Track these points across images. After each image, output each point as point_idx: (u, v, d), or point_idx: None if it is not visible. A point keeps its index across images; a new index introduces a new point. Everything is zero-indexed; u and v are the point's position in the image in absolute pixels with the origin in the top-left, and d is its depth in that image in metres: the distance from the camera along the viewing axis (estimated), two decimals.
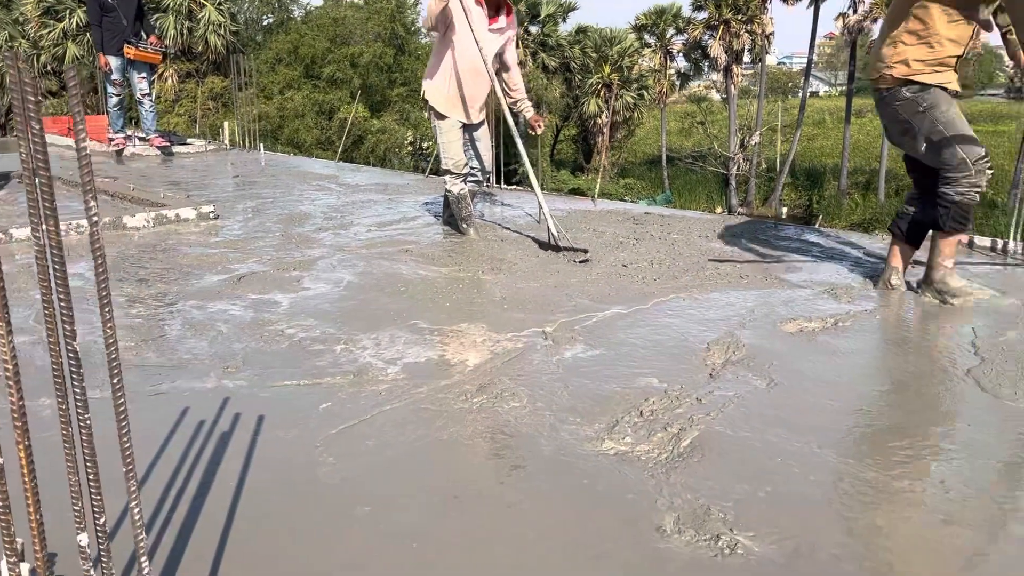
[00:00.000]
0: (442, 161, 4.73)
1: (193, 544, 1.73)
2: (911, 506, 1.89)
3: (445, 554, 1.71)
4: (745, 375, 2.66)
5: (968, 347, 2.94)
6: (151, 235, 4.88)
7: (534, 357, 2.82)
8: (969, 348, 2.93)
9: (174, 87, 26.33)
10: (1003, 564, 1.68)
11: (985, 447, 2.19)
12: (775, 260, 4.22)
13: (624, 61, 32.13)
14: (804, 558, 1.69)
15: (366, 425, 2.30)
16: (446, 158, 4.70)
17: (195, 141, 10.05)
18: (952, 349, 2.95)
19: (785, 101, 41.93)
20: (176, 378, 2.63)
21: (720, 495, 1.92)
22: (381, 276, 3.90)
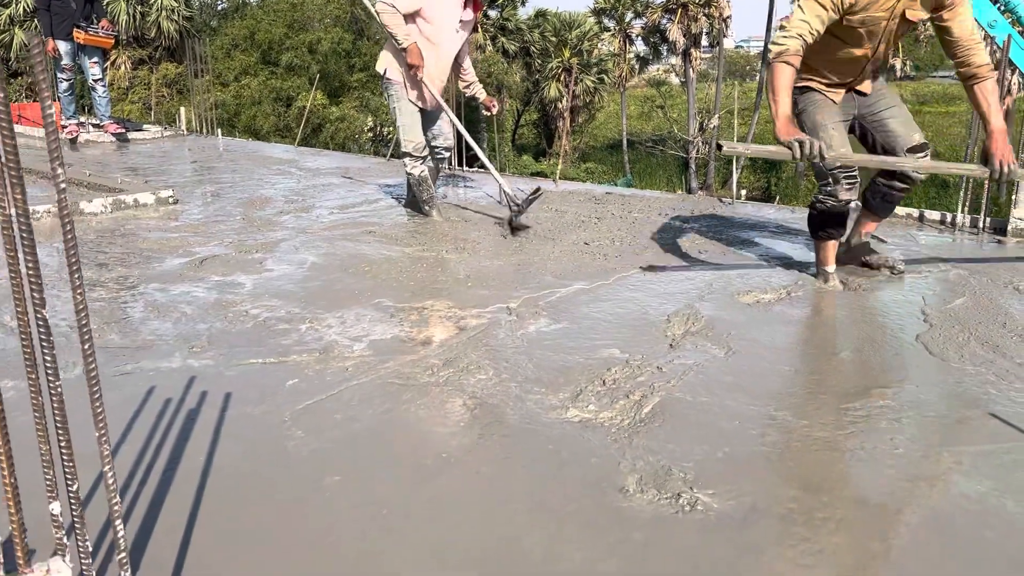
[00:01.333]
0: (402, 144, 4.71)
1: (164, 516, 1.74)
2: (861, 463, 1.97)
3: (414, 519, 1.75)
4: (704, 344, 2.73)
5: (918, 314, 3.05)
6: (109, 220, 4.82)
7: (499, 332, 2.86)
8: (919, 315, 3.04)
9: (127, 74, 25.79)
10: (949, 515, 1.76)
11: (932, 407, 2.28)
12: (734, 239, 4.31)
13: (584, 45, 32.19)
14: (761, 513, 1.76)
15: (333, 400, 2.32)
16: (406, 140, 4.68)
17: (151, 127, 9.89)
18: (902, 316, 3.05)
19: (743, 84, 42.29)
20: (140, 359, 2.63)
21: (680, 456, 1.99)
22: (345, 257, 3.91)
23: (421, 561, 1.60)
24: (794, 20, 3.02)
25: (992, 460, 1.98)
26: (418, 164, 4.71)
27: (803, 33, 2.98)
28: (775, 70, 3.00)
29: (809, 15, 2.99)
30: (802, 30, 2.98)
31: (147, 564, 1.58)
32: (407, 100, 4.66)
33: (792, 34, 2.98)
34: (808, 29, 2.99)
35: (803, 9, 3.02)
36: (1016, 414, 2.21)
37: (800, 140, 2.88)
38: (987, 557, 1.61)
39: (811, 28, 3.00)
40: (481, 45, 29.73)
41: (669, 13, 32.61)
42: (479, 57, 26.99)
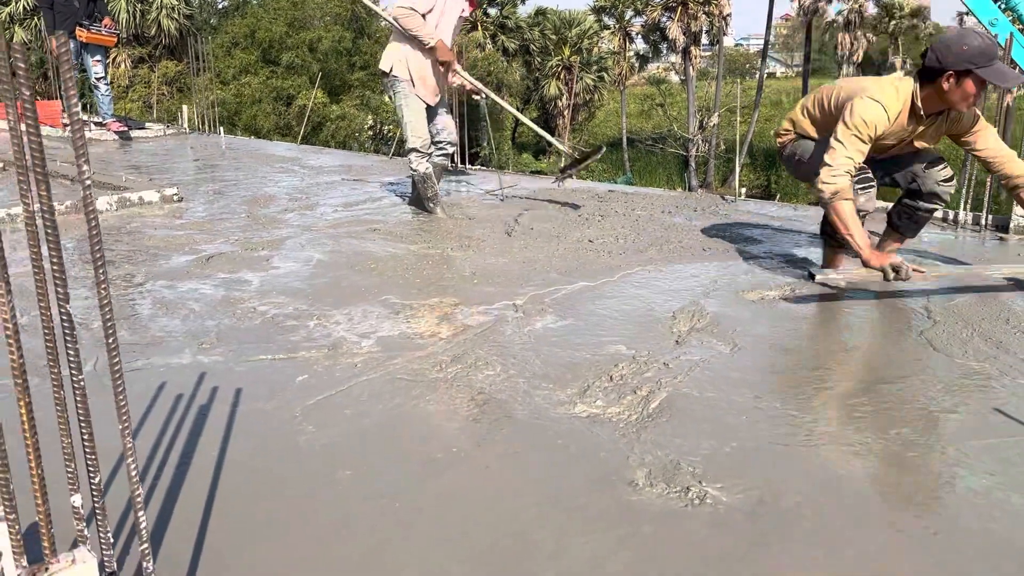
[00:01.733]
0: (408, 140, 4.71)
1: (179, 509, 1.77)
2: (868, 457, 1.99)
3: (424, 513, 1.77)
4: (710, 341, 2.76)
5: (921, 311, 3.07)
6: (115, 218, 4.83)
7: (506, 328, 2.88)
8: (922, 311, 3.06)
9: (127, 72, 25.80)
10: (955, 509, 1.79)
11: (937, 402, 2.30)
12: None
13: (583, 43, 32.20)
14: (768, 506, 1.78)
15: (343, 395, 2.34)
16: (413, 136, 4.68)
17: (153, 125, 9.90)
18: (906, 312, 3.07)
19: (743, 82, 42.31)
20: (151, 355, 2.65)
21: (689, 451, 2.01)
22: (350, 254, 3.93)
23: (431, 554, 1.62)
24: (838, 157, 3.08)
25: (997, 454, 2.00)
26: (423, 160, 4.73)
27: (850, 169, 3.08)
28: (839, 208, 3.07)
29: (852, 151, 3.08)
30: (848, 167, 3.08)
31: (164, 555, 1.60)
32: (414, 96, 4.67)
33: (840, 172, 3.07)
34: (853, 164, 3.09)
35: (845, 145, 3.08)
36: (1020, 409, 2.24)
37: (894, 265, 2.99)
38: (993, 550, 1.63)
39: (855, 163, 3.10)
40: (481, 43, 29.73)
41: (669, 11, 32.63)
42: (479, 55, 27.00)
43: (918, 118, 3.14)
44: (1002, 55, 4.46)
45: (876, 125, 3.06)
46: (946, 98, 3.03)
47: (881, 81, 3.18)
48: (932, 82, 3.03)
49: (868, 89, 3.13)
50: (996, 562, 1.59)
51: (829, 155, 3.11)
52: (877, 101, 3.07)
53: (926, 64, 3.03)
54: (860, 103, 3.07)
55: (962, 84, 2.96)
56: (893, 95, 3.09)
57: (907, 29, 34.82)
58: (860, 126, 3.05)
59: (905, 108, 3.11)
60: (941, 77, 2.98)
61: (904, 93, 3.10)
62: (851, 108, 3.09)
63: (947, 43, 2.99)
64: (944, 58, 2.96)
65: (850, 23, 33.14)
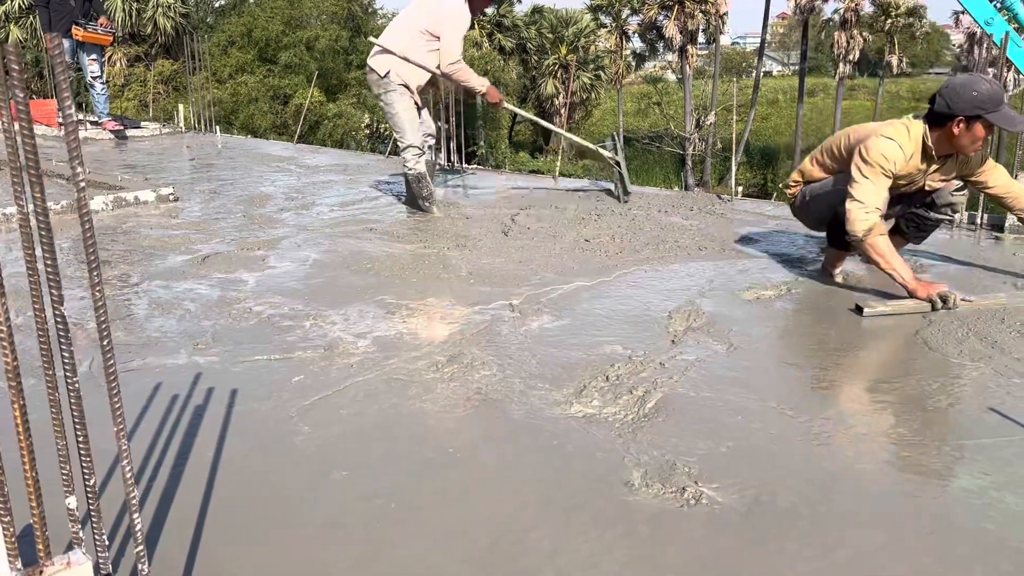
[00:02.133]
0: (405, 139, 4.73)
1: (175, 510, 1.76)
2: (863, 456, 2.00)
3: (421, 513, 1.77)
4: (706, 340, 2.76)
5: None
6: (110, 218, 4.83)
7: (502, 328, 2.88)
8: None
9: (123, 71, 25.75)
10: (950, 508, 1.79)
11: (932, 401, 2.31)
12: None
13: (580, 42, 32.21)
14: (764, 505, 1.78)
15: (339, 396, 2.34)
16: (410, 133, 4.71)
17: (149, 124, 9.89)
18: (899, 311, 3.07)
19: (739, 81, 42.32)
20: (146, 355, 2.65)
21: (685, 451, 2.01)
22: (346, 254, 3.93)
23: (429, 554, 1.63)
24: (865, 192, 3.11)
25: (992, 454, 2.01)
26: (420, 159, 4.75)
27: (879, 205, 3.11)
28: (876, 244, 3.08)
29: (878, 185, 3.11)
30: (877, 203, 3.10)
31: (159, 556, 1.60)
32: (410, 98, 4.73)
33: (871, 208, 3.09)
34: (882, 200, 3.12)
35: (870, 179, 3.11)
36: (1015, 408, 2.24)
37: (942, 295, 2.98)
38: (988, 550, 1.64)
39: (882, 198, 3.12)
40: (477, 42, 29.73)
41: (665, 10, 32.65)
42: (475, 54, 27.00)
43: (930, 159, 3.19)
44: (997, 54, 4.47)
45: (895, 161, 3.11)
46: (955, 142, 3.09)
47: (892, 123, 3.24)
48: (941, 126, 3.09)
49: (882, 129, 3.18)
50: (991, 562, 1.60)
51: (854, 189, 3.13)
52: (892, 140, 3.12)
53: (935, 109, 3.07)
54: (876, 141, 3.12)
55: (971, 129, 3.03)
56: (905, 135, 3.15)
57: (903, 28, 34.86)
58: (880, 161, 3.10)
59: (917, 149, 3.17)
60: (951, 122, 3.04)
61: (915, 134, 3.16)
62: (867, 146, 3.13)
63: (956, 89, 3.03)
64: (954, 104, 3.01)
65: (846, 22, 33.16)
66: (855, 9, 33.11)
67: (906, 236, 3.60)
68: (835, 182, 3.34)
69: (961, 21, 35.49)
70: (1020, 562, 1.59)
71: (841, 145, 3.37)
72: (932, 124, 3.12)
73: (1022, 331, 2.83)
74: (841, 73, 33.83)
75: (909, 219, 3.52)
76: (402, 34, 4.72)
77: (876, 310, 2.98)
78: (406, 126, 4.73)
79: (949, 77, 3.12)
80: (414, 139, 4.72)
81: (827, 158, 3.47)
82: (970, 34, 34.38)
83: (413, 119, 4.75)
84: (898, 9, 34.11)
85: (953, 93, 3.02)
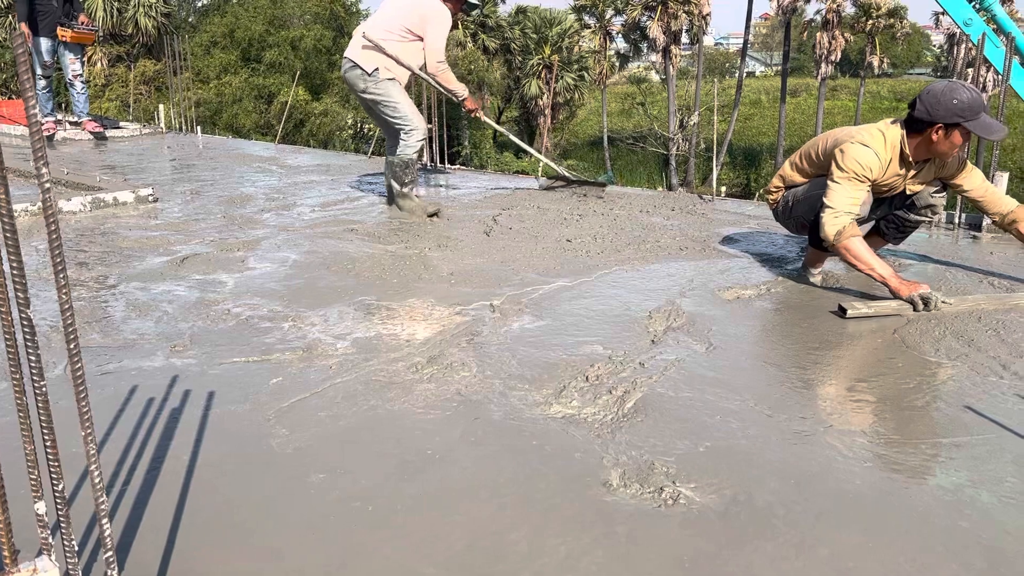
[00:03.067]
0: (409, 124, 4.72)
1: (149, 515, 1.74)
2: (840, 455, 2.00)
3: (399, 515, 1.76)
4: (685, 340, 2.76)
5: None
6: (88, 219, 4.78)
7: (482, 329, 2.87)
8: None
9: (103, 71, 25.54)
10: (926, 506, 1.80)
11: (909, 400, 2.32)
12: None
13: (564, 42, 32.23)
14: (742, 505, 1.78)
15: (317, 398, 2.32)
16: (412, 119, 4.73)
17: (129, 125, 9.81)
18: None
19: (722, 81, 42.53)
20: (122, 358, 2.62)
21: (663, 451, 2.01)
22: (327, 255, 3.90)
23: (407, 556, 1.61)
24: (837, 197, 3.14)
25: (967, 452, 2.02)
26: (423, 141, 4.84)
27: (852, 210, 3.13)
28: (849, 246, 3.09)
29: (851, 191, 3.14)
30: (848, 208, 3.13)
31: (132, 562, 1.58)
32: (402, 87, 4.79)
33: (840, 213, 3.12)
34: (856, 205, 3.14)
35: (843, 185, 3.14)
36: (990, 407, 2.26)
37: (923, 296, 2.97)
38: (963, 547, 1.65)
39: (856, 203, 3.15)
40: (461, 42, 29.69)
41: (649, 10, 32.75)
42: (460, 54, 26.96)
43: (908, 164, 3.22)
44: (975, 55, 4.51)
45: (871, 167, 3.13)
46: (934, 148, 3.12)
47: (869, 128, 3.25)
48: (921, 132, 3.11)
49: (858, 135, 3.20)
50: (966, 559, 1.61)
51: (828, 197, 3.15)
52: (868, 147, 3.14)
53: (915, 115, 3.08)
54: (852, 147, 3.15)
55: (950, 136, 3.06)
56: (882, 142, 3.17)
57: (884, 28, 35.11)
58: (855, 167, 3.12)
59: (895, 155, 3.19)
60: (930, 129, 3.07)
61: (892, 140, 3.18)
62: (843, 152, 3.16)
63: (936, 96, 3.04)
64: (934, 111, 3.03)
65: (828, 22, 33.37)
66: (837, 10, 33.33)
67: (885, 237, 3.62)
68: (815, 186, 3.35)
69: (941, 22, 35.78)
70: (994, 559, 1.60)
71: (820, 150, 3.39)
72: (911, 130, 3.14)
73: (998, 330, 2.85)
74: (823, 73, 34.05)
75: (889, 221, 3.54)
76: (388, 32, 4.69)
77: (859, 311, 2.99)
78: (409, 111, 4.75)
79: (930, 83, 3.12)
80: (420, 123, 4.76)
81: (806, 163, 3.49)
82: (950, 35, 34.70)
83: (413, 106, 4.80)
84: (879, 10, 34.36)
85: (933, 100, 3.04)
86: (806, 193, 3.43)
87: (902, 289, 3.01)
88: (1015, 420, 2.18)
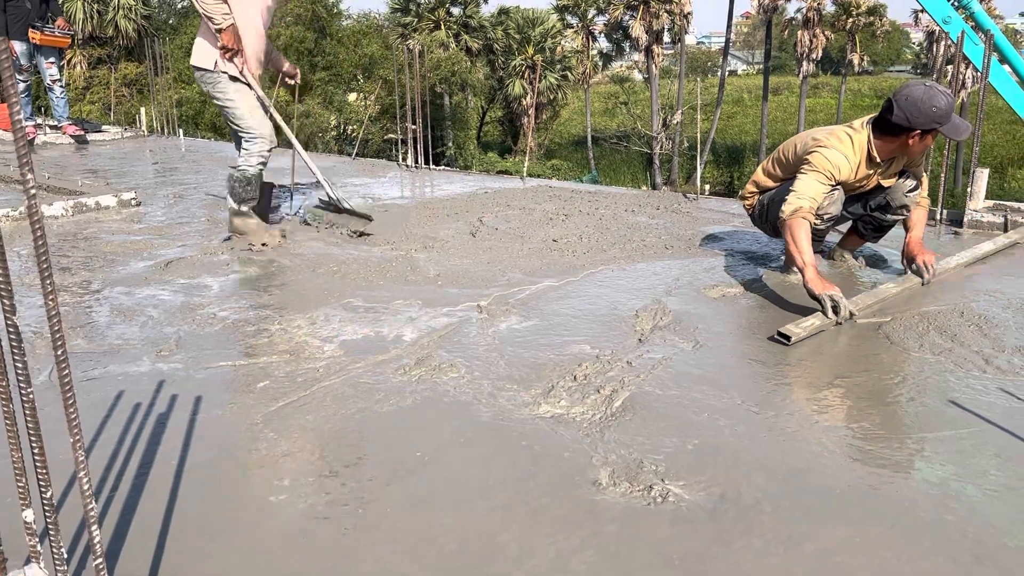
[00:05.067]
0: (248, 133, 4.12)
1: (138, 520, 1.73)
2: (826, 451, 2.02)
3: (389, 518, 1.76)
4: (672, 339, 2.78)
5: (879, 305, 3.11)
6: (71, 224, 4.74)
7: (470, 330, 2.87)
8: (880, 306, 3.10)
9: (83, 74, 25.33)
10: (912, 500, 1.82)
11: (894, 395, 2.34)
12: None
13: (547, 42, 32.27)
14: (730, 502, 1.80)
15: (305, 401, 2.32)
16: (254, 126, 4.11)
17: (110, 128, 9.73)
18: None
19: (705, 80, 42.69)
20: (108, 363, 2.60)
21: (652, 449, 2.02)
22: (312, 258, 3.89)
23: (397, 559, 1.62)
24: (804, 187, 3.18)
25: (952, 446, 2.04)
26: (267, 153, 4.16)
27: (815, 199, 3.16)
28: (794, 225, 3.11)
29: (817, 185, 3.18)
30: (813, 194, 3.16)
31: (122, 568, 1.57)
32: (243, 85, 4.15)
33: (804, 197, 3.15)
34: (819, 196, 3.18)
35: (812, 178, 3.19)
36: (974, 401, 2.28)
37: (834, 300, 2.90)
38: (949, 540, 1.66)
39: (820, 194, 3.18)
40: (444, 43, 29.66)
41: (631, 10, 32.84)
42: (442, 55, 26.91)
43: (875, 164, 3.27)
44: (954, 52, 4.55)
45: (839, 167, 3.19)
46: (907, 150, 3.20)
47: (837, 132, 3.29)
48: (895, 135, 3.15)
49: (827, 139, 3.24)
50: (952, 553, 1.62)
51: (794, 185, 3.21)
52: (839, 152, 3.19)
53: (893, 120, 3.11)
54: (824, 151, 3.20)
55: (924, 139, 3.14)
56: (850, 146, 3.22)
57: (864, 26, 35.38)
58: (824, 165, 3.17)
59: (863, 158, 3.25)
60: (907, 134, 3.11)
61: (860, 144, 3.23)
62: (814, 155, 3.21)
63: (916, 104, 3.06)
64: (914, 119, 3.07)
65: (809, 20, 33.59)
66: (817, 8, 33.56)
67: (863, 237, 3.66)
68: (786, 189, 3.37)
69: (921, 19, 36.12)
70: (980, 553, 1.62)
71: (789, 155, 3.44)
72: (885, 132, 3.17)
73: (980, 325, 2.88)
74: (804, 71, 34.26)
75: (866, 222, 3.58)
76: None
77: (801, 335, 2.76)
78: (247, 114, 4.12)
79: (905, 86, 3.14)
80: (263, 130, 4.13)
81: (778, 168, 3.53)
82: (929, 32, 34.98)
83: (254, 107, 4.16)
84: (859, 8, 34.62)
85: (913, 108, 3.06)
86: (779, 195, 3.46)
87: (816, 284, 2.94)
88: (998, 414, 2.21)
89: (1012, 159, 30.48)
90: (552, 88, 32.46)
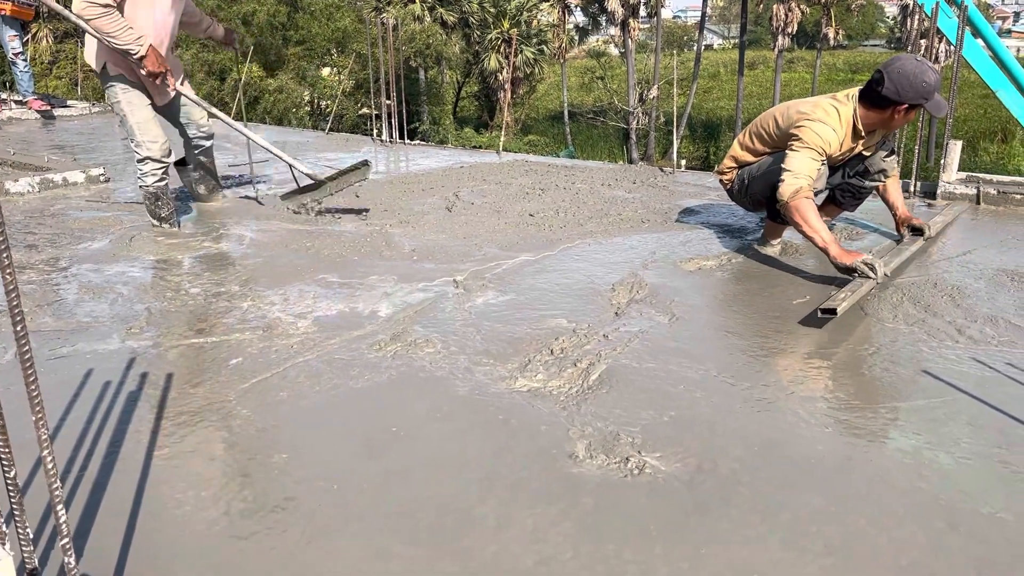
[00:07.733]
0: (142, 147, 3.82)
1: (107, 500, 1.71)
2: (802, 421, 2.03)
3: (366, 494, 1.74)
4: (648, 312, 2.77)
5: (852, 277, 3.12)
6: (37, 200, 4.64)
7: (446, 305, 2.85)
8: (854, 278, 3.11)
9: (50, 47, 24.76)
10: (886, 469, 1.83)
11: (868, 365, 2.36)
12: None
13: (523, 16, 31.97)
14: (706, 473, 1.80)
15: (279, 377, 2.29)
16: (144, 141, 3.80)
17: (78, 103, 9.53)
18: (838, 279, 3.12)
19: (681, 55, 42.60)
20: (77, 341, 2.55)
21: (628, 422, 2.02)
22: (285, 233, 3.84)
23: (374, 535, 1.60)
24: (799, 164, 3.14)
25: (925, 415, 2.06)
26: (159, 171, 3.85)
27: (811, 176, 3.13)
28: (799, 206, 3.08)
29: (811, 161, 3.15)
30: (809, 171, 3.13)
31: (91, 548, 1.54)
32: (136, 92, 3.80)
33: (801, 176, 3.12)
34: (814, 172, 3.15)
35: (805, 155, 3.16)
36: (947, 370, 2.30)
37: (864, 261, 2.90)
38: (923, 507, 1.68)
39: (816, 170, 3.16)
40: (419, 16, 29.31)
41: None
42: (416, 28, 26.61)
43: (859, 136, 3.27)
44: (928, 25, 4.55)
45: (829, 142, 3.17)
46: (890, 123, 3.19)
47: (822, 104, 3.25)
48: (882, 108, 3.14)
49: (814, 112, 3.21)
50: (925, 520, 1.64)
51: (787, 163, 3.17)
52: (826, 124, 3.17)
53: (883, 93, 3.09)
54: (813, 124, 3.18)
55: (909, 113, 3.14)
56: (836, 119, 3.21)
57: (839, 0, 35.40)
58: (815, 140, 3.15)
59: (848, 131, 3.24)
60: (894, 106, 3.11)
61: (845, 116, 3.22)
62: (803, 130, 3.18)
63: (908, 78, 3.05)
64: (904, 92, 3.06)
65: None
66: None
67: (841, 205, 3.66)
68: (772, 162, 3.36)
69: None
70: (953, 520, 1.64)
71: (771, 128, 3.40)
72: (871, 104, 3.16)
73: (953, 295, 2.90)
74: (780, 46, 34.23)
75: (844, 189, 3.57)
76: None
77: (842, 304, 2.71)
78: (139, 127, 3.80)
79: (897, 58, 3.12)
80: (152, 147, 3.81)
81: (757, 142, 3.50)
82: (903, 6, 35.08)
83: (148, 117, 3.82)
84: None
85: (905, 82, 3.05)
86: (761, 170, 3.44)
87: (843, 257, 2.97)
88: (970, 383, 2.23)
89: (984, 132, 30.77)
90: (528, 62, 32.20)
